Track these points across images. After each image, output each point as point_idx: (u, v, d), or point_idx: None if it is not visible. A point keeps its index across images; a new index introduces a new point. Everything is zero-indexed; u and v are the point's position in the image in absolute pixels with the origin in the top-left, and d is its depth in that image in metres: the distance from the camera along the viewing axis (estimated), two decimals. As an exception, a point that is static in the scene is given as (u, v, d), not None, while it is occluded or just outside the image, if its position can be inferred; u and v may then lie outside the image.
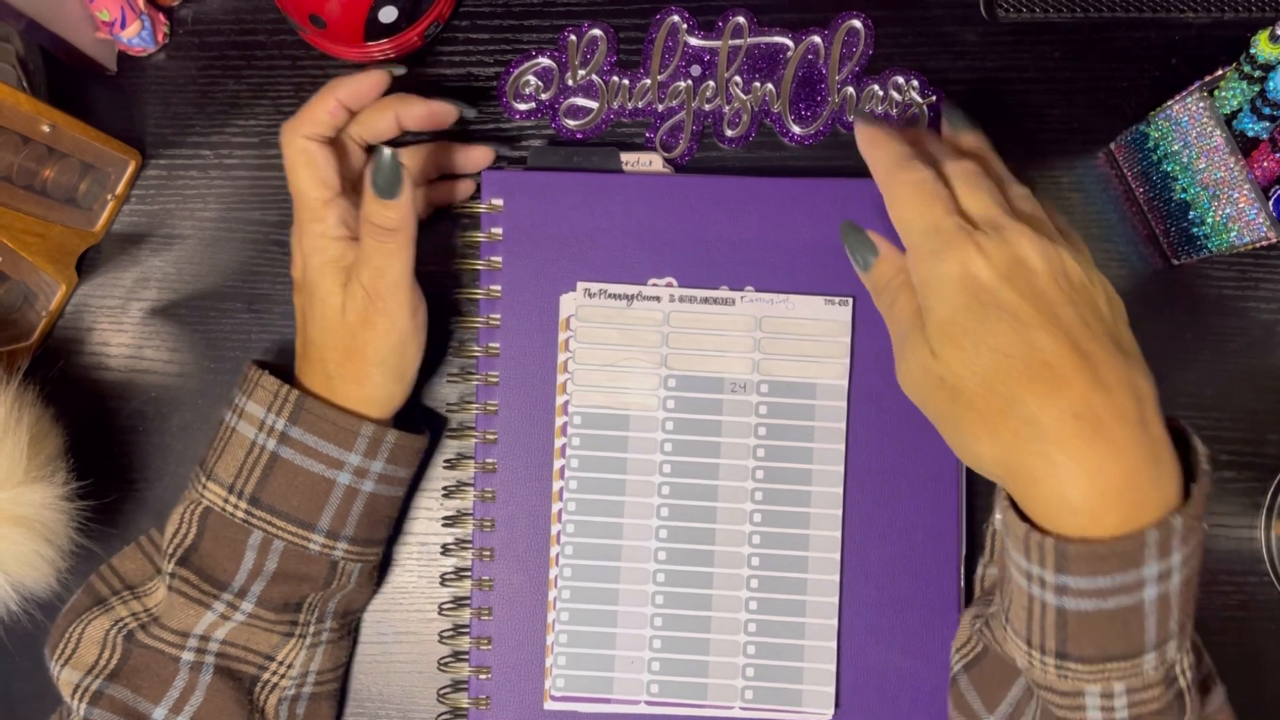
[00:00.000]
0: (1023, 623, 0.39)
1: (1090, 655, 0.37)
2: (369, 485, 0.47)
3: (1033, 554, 0.37)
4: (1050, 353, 0.37)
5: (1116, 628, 0.37)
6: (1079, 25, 0.55)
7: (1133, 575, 0.36)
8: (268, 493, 0.46)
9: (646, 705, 0.51)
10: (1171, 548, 0.36)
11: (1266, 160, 0.48)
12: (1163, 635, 0.37)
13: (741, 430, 0.51)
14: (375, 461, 0.47)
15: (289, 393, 0.46)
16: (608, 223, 0.52)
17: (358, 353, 0.46)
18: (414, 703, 0.53)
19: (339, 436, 0.46)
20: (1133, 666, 0.37)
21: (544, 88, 0.55)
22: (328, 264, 0.46)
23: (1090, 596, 0.36)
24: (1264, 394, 0.54)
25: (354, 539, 0.48)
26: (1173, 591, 0.37)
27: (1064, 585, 0.37)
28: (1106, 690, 0.38)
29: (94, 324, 0.55)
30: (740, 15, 0.54)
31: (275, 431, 0.46)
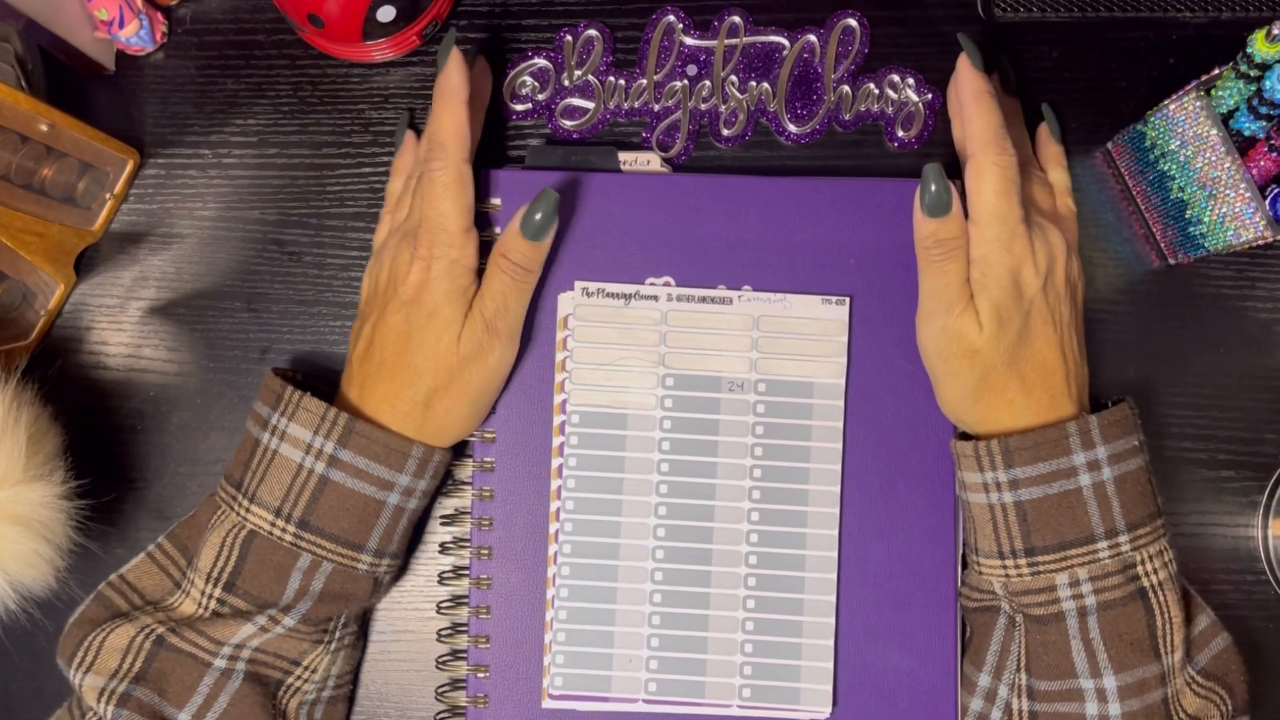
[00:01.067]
0: (991, 540, 0.46)
1: (1050, 544, 0.45)
2: (414, 503, 0.48)
3: (984, 463, 0.46)
4: (1052, 354, 0.47)
5: (1065, 513, 0.44)
6: (1076, 25, 0.55)
7: (1065, 461, 0.45)
8: (317, 515, 0.45)
9: (644, 703, 0.51)
10: (1094, 440, 0.45)
11: (1263, 159, 0.48)
12: (1110, 526, 0.44)
13: (739, 429, 0.52)
14: (423, 480, 0.47)
15: (337, 415, 0.46)
16: (605, 222, 0.52)
17: (459, 384, 0.47)
18: (412, 701, 0.53)
19: (390, 458, 0.46)
20: (1089, 553, 0.44)
21: (540, 88, 0.55)
22: (456, 292, 0.46)
23: (1036, 484, 0.45)
24: (1261, 393, 0.54)
25: (396, 554, 0.49)
26: (1107, 483, 0.45)
27: (1015, 479, 0.45)
28: (1073, 578, 0.44)
29: (92, 323, 0.55)
30: (736, 15, 0.55)
31: (324, 455, 0.45)
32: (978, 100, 0.46)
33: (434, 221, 0.46)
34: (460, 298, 0.46)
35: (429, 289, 0.46)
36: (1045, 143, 0.52)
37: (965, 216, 0.46)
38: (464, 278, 0.47)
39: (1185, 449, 0.54)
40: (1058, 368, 0.47)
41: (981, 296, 0.46)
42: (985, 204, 0.46)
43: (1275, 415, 0.54)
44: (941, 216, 0.46)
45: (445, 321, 0.46)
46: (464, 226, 0.46)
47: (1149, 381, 0.55)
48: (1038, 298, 0.46)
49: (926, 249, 0.47)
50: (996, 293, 0.46)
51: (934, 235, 0.46)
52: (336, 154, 0.55)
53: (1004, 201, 0.45)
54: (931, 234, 0.46)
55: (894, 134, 0.54)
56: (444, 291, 0.46)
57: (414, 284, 0.47)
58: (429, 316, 0.46)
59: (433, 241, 0.46)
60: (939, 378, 0.48)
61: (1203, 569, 0.54)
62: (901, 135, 0.54)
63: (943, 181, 0.46)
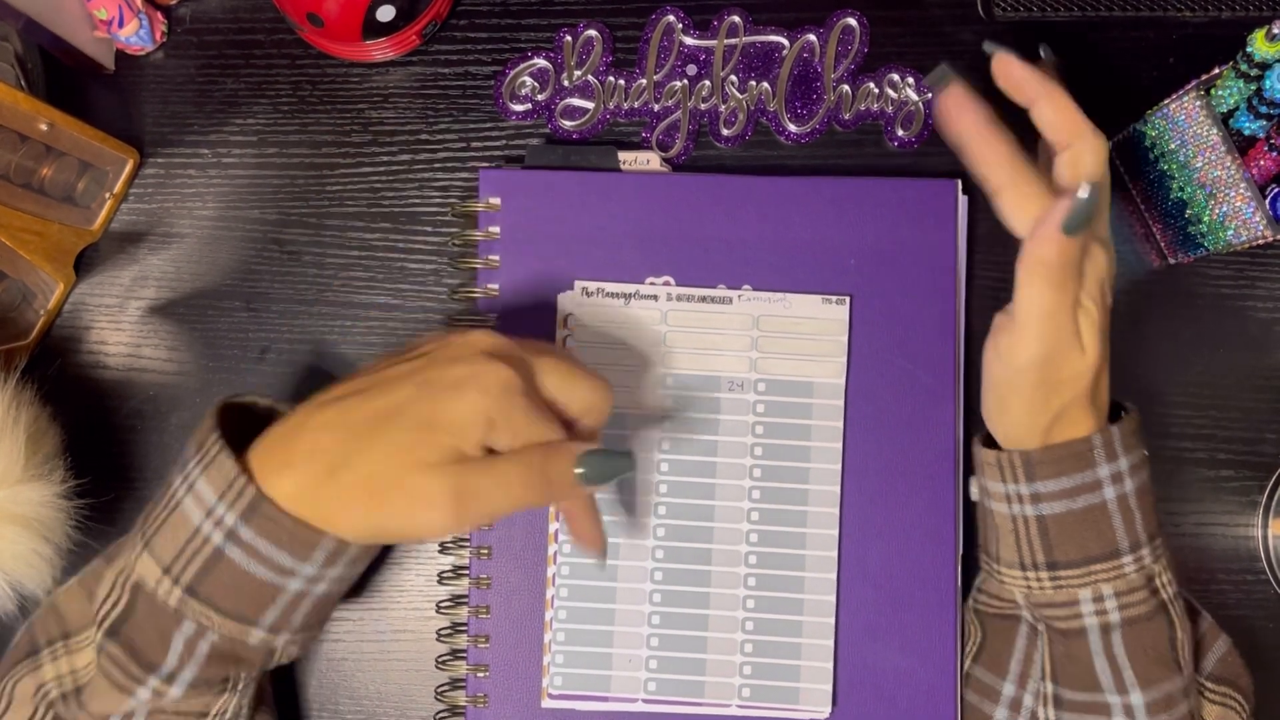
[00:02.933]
0: (1013, 550, 0.44)
1: (1074, 558, 0.43)
2: (322, 588, 0.41)
3: (1006, 473, 0.44)
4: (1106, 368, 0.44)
5: (1089, 528, 0.43)
6: (1076, 24, 0.55)
7: (1089, 474, 0.43)
8: (206, 587, 0.40)
9: (644, 703, 0.51)
10: (1116, 452, 0.43)
11: (1263, 159, 0.48)
12: (1134, 539, 0.43)
13: (739, 429, 0.52)
14: (333, 569, 0.41)
15: (245, 486, 0.39)
16: (605, 222, 0.52)
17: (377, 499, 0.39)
18: (412, 701, 0.53)
19: (295, 547, 0.39)
20: (1114, 568, 0.43)
21: (540, 89, 0.55)
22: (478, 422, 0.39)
23: (1060, 498, 0.43)
24: (1261, 393, 0.54)
25: (299, 629, 0.42)
26: (1129, 495, 0.43)
27: (1037, 493, 0.43)
28: (1097, 594, 0.43)
29: (92, 323, 0.55)
30: (735, 14, 0.55)
31: (224, 526, 0.39)
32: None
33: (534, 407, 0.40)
34: (476, 430, 0.39)
35: (459, 396, 0.39)
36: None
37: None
38: (504, 416, 0.39)
39: (1185, 449, 0.54)
40: (1107, 382, 0.44)
41: (1086, 318, 0.42)
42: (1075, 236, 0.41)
43: (1275, 415, 0.54)
44: (1079, 235, 0.40)
45: (432, 440, 0.38)
46: (550, 432, 0.40)
47: (1149, 381, 0.54)
48: (1106, 308, 0.43)
49: (1049, 268, 0.41)
50: (1099, 312, 0.42)
51: (1063, 255, 0.40)
52: (336, 153, 0.55)
53: (1107, 199, 0.42)
54: (1061, 253, 0.40)
55: (894, 133, 0.54)
56: (470, 408, 0.39)
57: (454, 376, 0.39)
58: (427, 422, 0.39)
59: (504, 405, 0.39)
60: (1021, 404, 0.43)
61: (1203, 569, 0.54)
62: (901, 134, 0.54)
63: (1096, 204, 0.40)
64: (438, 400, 0.39)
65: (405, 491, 0.38)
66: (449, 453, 0.38)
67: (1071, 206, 0.40)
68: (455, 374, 0.39)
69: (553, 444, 0.40)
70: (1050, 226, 0.40)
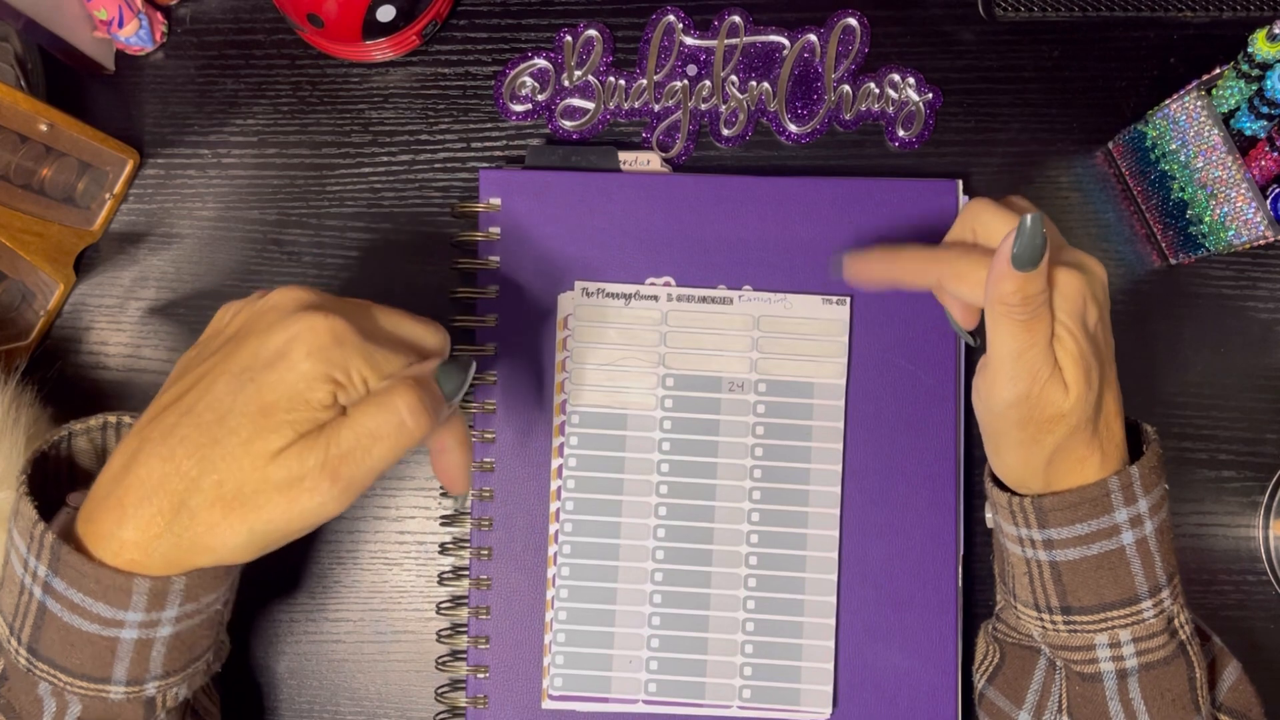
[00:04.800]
0: (1027, 590, 0.43)
1: (1090, 605, 0.41)
2: (166, 630, 0.37)
3: (1018, 517, 0.42)
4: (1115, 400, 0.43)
5: (1105, 574, 0.40)
6: (1077, 24, 0.55)
7: (1107, 520, 0.40)
8: (45, 645, 0.37)
9: (644, 704, 0.51)
10: (1135, 494, 0.40)
11: (1264, 159, 0.48)
12: (1153, 583, 0.41)
13: (739, 429, 0.51)
14: (166, 610, 0.37)
15: (44, 534, 0.36)
16: (605, 222, 0.52)
17: (245, 509, 0.36)
18: (412, 701, 0.53)
19: (109, 595, 0.36)
20: (1132, 614, 0.41)
21: (540, 89, 0.55)
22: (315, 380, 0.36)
23: (1074, 545, 0.41)
24: (1262, 393, 0.54)
25: (168, 673, 0.39)
26: (1150, 538, 0.41)
27: (1050, 539, 0.41)
28: (1113, 639, 0.41)
29: (92, 323, 0.55)
30: (736, 14, 0.54)
31: (39, 578, 0.36)
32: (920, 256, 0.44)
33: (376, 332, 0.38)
34: (317, 393, 0.35)
35: (286, 366, 0.35)
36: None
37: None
38: (342, 368, 0.36)
39: (1186, 449, 0.54)
40: (1117, 412, 0.42)
41: (1064, 352, 0.40)
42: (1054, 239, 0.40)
43: (1276, 415, 0.54)
44: (1032, 270, 0.39)
45: (273, 424, 0.35)
46: (402, 363, 0.38)
47: (1150, 381, 0.54)
48: (1103, 339, 0.42)
49: (1010, 306, 0.39)
50: (1077, 343, 0.40)
51: (1021, 291, 0.39)
52: (336, 154, 0.55)
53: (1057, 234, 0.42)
54: (1018, 289, 0.39)
55: (894, 133, 0.54)
56: (301, 375, 0.35)
57: (272, 348, 0.36)
58: (261, 408, 0.35)
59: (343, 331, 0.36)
60: (1010, 446, 0.42)
61: (1203, 569, 0.54)
62: (902, 135, 0.54)
63: (1040, 230, 0.38)
64: (262, 380, 0.35)
65: (272, 488, 0.35)
66: (299, 428, 0.35)
67: (1015, 237, 0.38)
68: (273, 345, 0.36)
69: (402, 376, 0.37)
70: (1001, 264, 0.39)
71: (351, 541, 0.54)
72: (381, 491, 0.54)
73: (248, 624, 0.53)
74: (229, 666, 0.53)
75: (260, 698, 0.53)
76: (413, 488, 0.54)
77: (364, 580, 0.54)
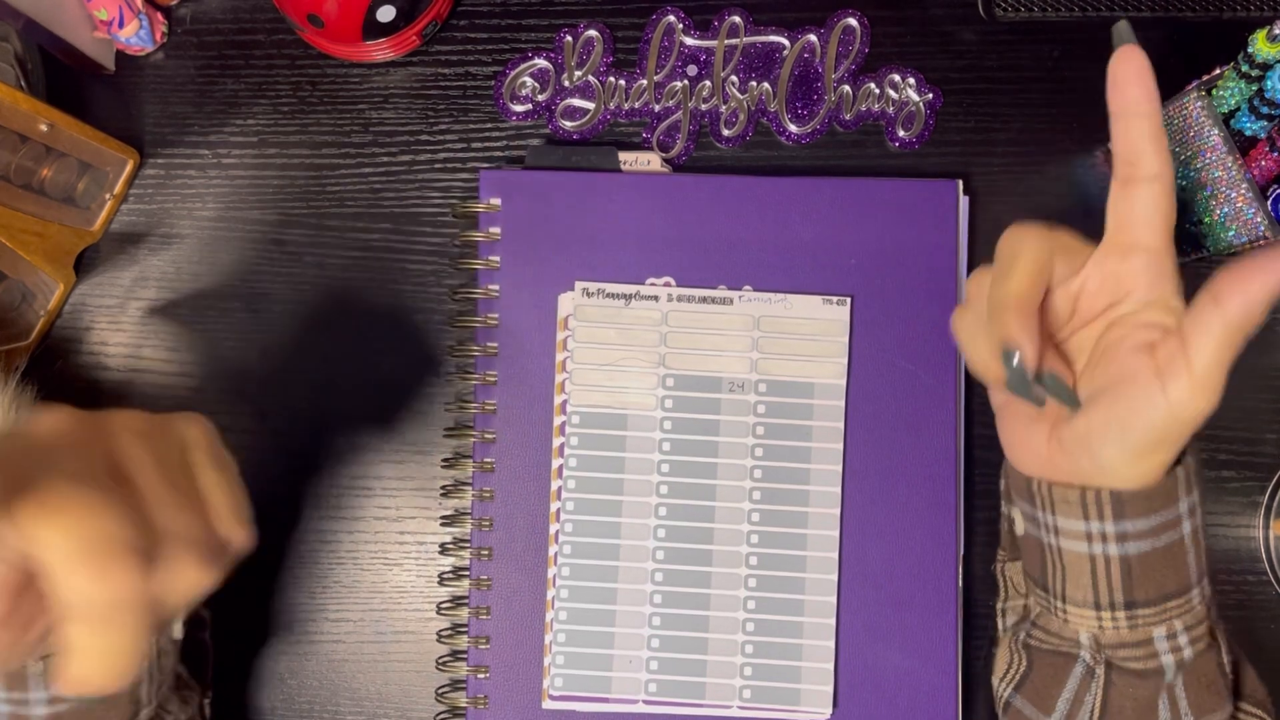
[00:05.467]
0: (1087, 589, 0.42)
1: (1153, 597, 0.41)
2: (40, 710, 0.38)
3: (1090, 511, 0.41)
4: None
5: (1169, 564, 0.40)
6: (1077, 24, 0.55)
7: (1174, 510, 0.40)
8: None
9: (645, 704, 0.51)
10: (1193, 484, 0.41)
11: (1264, 159, 0.48)
12: (1200, 570, 0.41)
13: (740, 430, 0.51)
14: (32, 693, 0.37)
15: None
16: (606, 222, 0.52)
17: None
18: (412, 702, 0.53)
19: None
20: (1185, 603, 0.41)
21: (540, 89, 0.55)
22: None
23: (1147, 537, 0.40)
24: (1262, 393, 0.54)
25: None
26: (1199, 527, 0.41)
27: (1124, 531, 0.40)
28: (1170, 630, 0.41)
29: (92, 323, 0.55)
30: (736, 14, 0.54)
31: None
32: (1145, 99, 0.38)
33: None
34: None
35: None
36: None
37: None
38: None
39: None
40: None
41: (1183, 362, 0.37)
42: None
43: (1276, 415, 0.54)
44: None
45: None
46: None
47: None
48: None
49: (1246, 326, 0.36)
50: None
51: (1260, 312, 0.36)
52: (336, 154, 0.55)
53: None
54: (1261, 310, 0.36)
55: (895, 134, 0.54)
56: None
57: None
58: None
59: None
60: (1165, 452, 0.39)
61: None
62: (902, 135, 0.54)
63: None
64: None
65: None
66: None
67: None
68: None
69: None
70: (1267, 279, 0.35)
71: (351, 542, 0.54)
72: (381, 491, 0.54)
73: (248, 624, 0.53)
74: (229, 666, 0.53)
75: (260, 698, 0.53)
76: (413, 488, 0.54)
77: (364, 580, 0.54)
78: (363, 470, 0.54)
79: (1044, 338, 0.40)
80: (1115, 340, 0.40)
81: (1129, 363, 0.39)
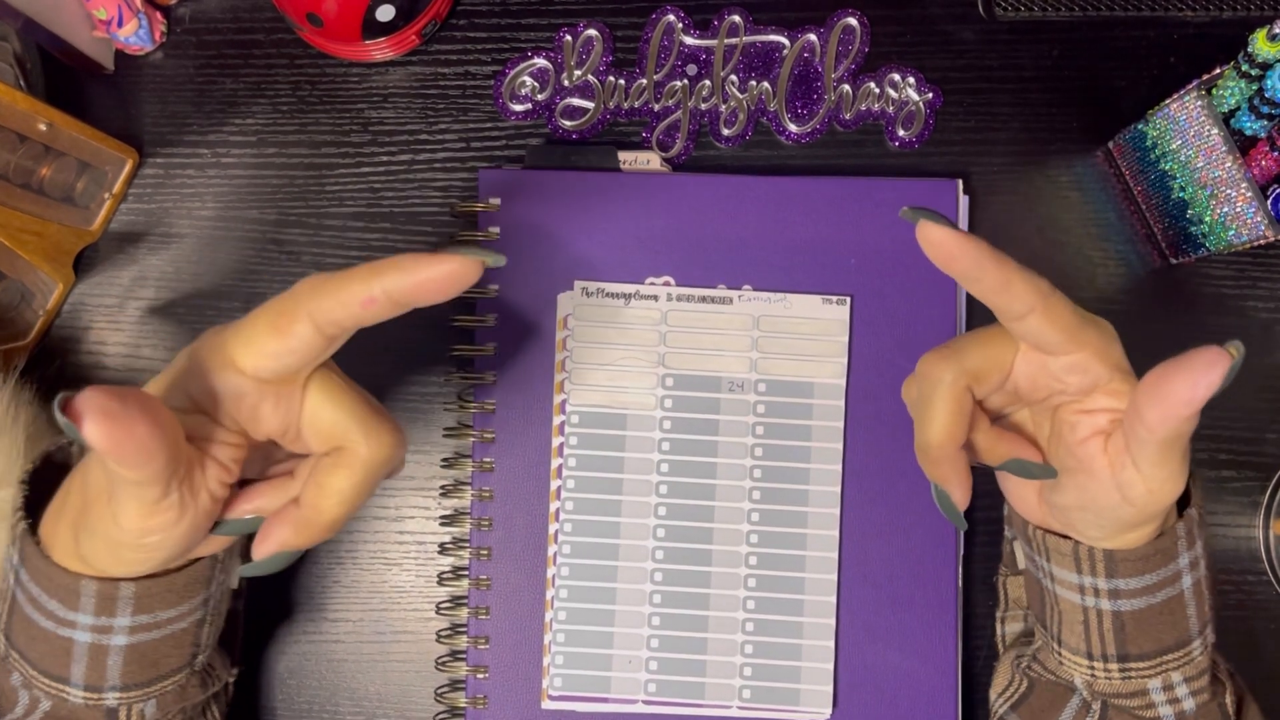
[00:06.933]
0: (1079, 639, 0.41)
1: (1148, 651, 0.40)
2: (121, 639, 0.38)
3: (1084, 566, 0.40)
4: None
5: (1166, 620, 0.40)
6: (1077, 24, 0.55)
7: (1172, 567, 0.39)
8: (15, 633, 0.38)
9: (644, 704, 0.51)
10: (1195, 537, 0.40)
11: (1264, 159, 0.48)
12: (1202, 621, 0.40)
13: (739, 429, 0.51)
14: (118, 618, 0.37)
15: (18, 522, 0.37)
16: (605, 222, 0.52)
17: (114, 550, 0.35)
18: (411, 702, 0.53)
19: (60, 594, 0.37)
20: (1185, 655, 0.40)
21: (540, 89, 0.55)
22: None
23: (1141, 595, 0.39)
24: (1262, 393, 0.54)
25: (127, 685, 0.39)
26: (1202, 578, 0.40)
27: (1116, 589, 0.39)
28: (1167, 682, 0.40)
29: (91, 323, 0.55)
30: (735, 14, 0.54)
31: (13, 565, 0.38)
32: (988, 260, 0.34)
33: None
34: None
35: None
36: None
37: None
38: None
39: (1186, 449, 0.54)
40: None
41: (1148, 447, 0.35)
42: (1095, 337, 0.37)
43: (1276, 415, 0.54)
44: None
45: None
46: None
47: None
48: None
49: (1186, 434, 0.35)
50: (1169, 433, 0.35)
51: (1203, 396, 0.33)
52: (335, 153, 0.55)
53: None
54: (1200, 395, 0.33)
55: (894, 133, 0.54)
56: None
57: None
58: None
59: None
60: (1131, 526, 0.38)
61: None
62: (902, 134, 0.54)
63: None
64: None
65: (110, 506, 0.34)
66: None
67: (1232, 365, 0.32)
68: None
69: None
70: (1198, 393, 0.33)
71: (351, 541, 0.54)
72: (381, 491, 0.54)
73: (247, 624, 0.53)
74: (228, 666, 0.53)
75: (260, 698, 0.53)
76: (413, 488, 0.54)
77: (364, 580, 0.54)
78: (362, 470, 0.54)
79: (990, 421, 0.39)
80: (1070, 422, 0.38)
81: (1085, 454, 0.37)
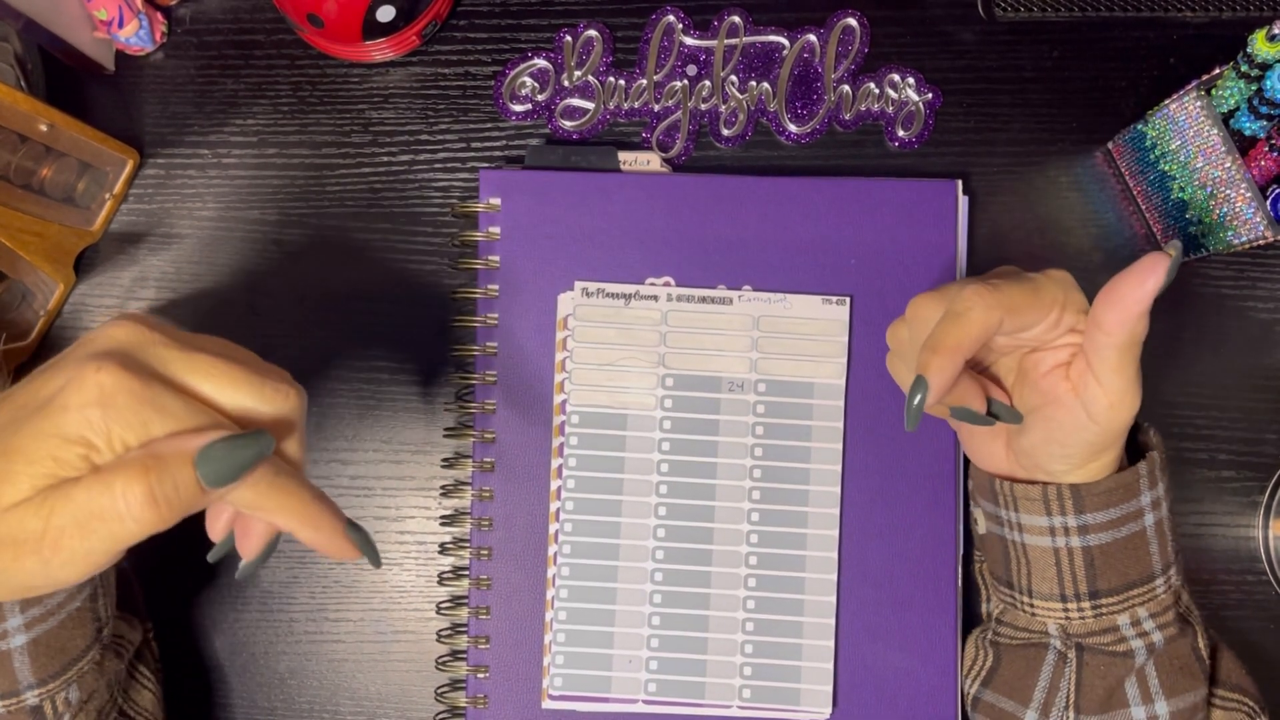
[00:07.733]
0: (1053, 583, 0.44)
1: (1115, 586, 0.43)
2: (20, 639, 0.38)
3: (1053, 507, 0.43)
4: None
5: (1130, 555, 0.43)
6: (1077, 24, 0.55)
7: (1135, 503, 0.43)
8: None
9: (644, 704, 0.51)
10: (1157, 479, 0.43)
11: (1263, 159, 0.48)
12: (1165, 560, 0.43)
13: (739, 430, 0.51)
14: (9, 620, 0.37)
15: None
16: (605, 222, 0.52)
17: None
18: (412, 702, 0.53)
19: None
20: (1149, 591, 0.43)
21: (540, 89, 0.55)
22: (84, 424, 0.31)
23: (1107, 528, 0.43)
24: (1261, 393, 0.54)
25: (43, 680, 0.39)
26: (1164, 519, 0.43)
27: (1085, 524, 0.43)
28: (1134, 618, 0.43)
29: (92, 323, 0.55)
30: (735, 14, 0.54)
31: None
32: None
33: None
34: (66, 452, 0.31)
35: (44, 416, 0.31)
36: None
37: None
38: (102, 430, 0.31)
39: (1185, 449, 0.54)
40: None
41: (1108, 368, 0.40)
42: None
43: (1275, 415, 0.54)
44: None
45: (11, 473, 0.31)
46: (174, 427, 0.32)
47: (1149, 381, 0.54)
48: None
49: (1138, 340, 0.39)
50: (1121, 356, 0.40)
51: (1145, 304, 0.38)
52: (336, 154, 0.55)
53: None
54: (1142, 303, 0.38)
55: (894, 133, 0.54)
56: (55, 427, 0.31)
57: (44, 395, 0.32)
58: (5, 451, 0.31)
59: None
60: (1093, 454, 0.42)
61: (1203, 569, 0.54)
62: (902, 135, 0.54)
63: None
64: (21, 425, 0.32)
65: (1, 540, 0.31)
66: (37, 483, 0.31)
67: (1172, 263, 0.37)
68: (46, 391, 0.32)
69: (144, 453, 0.31)
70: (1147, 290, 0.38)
71: (351, 541, 0.54)
72: (381, 491, 0.54)
73: (247, 624, 0.53)
74: (229, 666, 0.53)
75: (260, 698, 0.53)
76: (413, 488, 0.54)
77: (364, 580, 0.54)
78: (362, 470, 0.54)
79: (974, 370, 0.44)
80: (1035, 359, 0.43)
81: (1049, 385, 0.42)
